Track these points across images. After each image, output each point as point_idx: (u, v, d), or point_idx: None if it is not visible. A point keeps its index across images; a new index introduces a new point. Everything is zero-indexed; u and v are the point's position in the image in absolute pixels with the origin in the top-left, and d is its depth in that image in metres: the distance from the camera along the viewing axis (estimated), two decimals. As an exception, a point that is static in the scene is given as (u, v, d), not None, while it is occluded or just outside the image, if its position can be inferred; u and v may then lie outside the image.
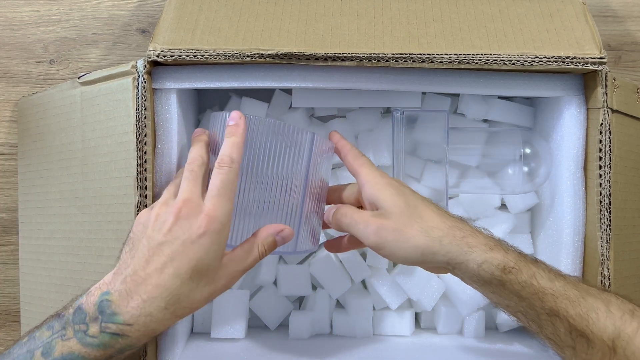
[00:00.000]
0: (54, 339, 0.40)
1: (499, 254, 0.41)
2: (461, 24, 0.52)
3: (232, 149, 0.43)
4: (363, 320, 0.60)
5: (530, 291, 0.41)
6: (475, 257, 0.41)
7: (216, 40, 0.50)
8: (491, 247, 0.42)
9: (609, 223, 0.51)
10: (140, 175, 0.50)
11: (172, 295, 0.40)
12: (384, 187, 0.45)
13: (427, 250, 0.42)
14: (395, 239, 0.42)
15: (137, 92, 0.50)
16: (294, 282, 0.59)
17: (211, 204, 0.41)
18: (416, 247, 0.42)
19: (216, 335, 0.58)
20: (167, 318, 0.40)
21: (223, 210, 0.41)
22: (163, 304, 0.39)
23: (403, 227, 0.43)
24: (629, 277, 0.53)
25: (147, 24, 0.67)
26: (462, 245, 0.42)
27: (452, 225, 0.43)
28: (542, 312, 0.41)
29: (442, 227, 0.43)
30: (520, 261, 0.42)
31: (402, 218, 0.43)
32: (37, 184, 0.59)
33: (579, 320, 0.39)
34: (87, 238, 0.53)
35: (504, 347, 0.58)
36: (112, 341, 0.39)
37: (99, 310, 0.40)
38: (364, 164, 0.48)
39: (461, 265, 0.42)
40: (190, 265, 0.40)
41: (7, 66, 0.66)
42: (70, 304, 0.42)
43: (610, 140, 0.51)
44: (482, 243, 0.42)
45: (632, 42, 0.67)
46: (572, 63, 0.50)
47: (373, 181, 0.46)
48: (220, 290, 0.42)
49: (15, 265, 0.66)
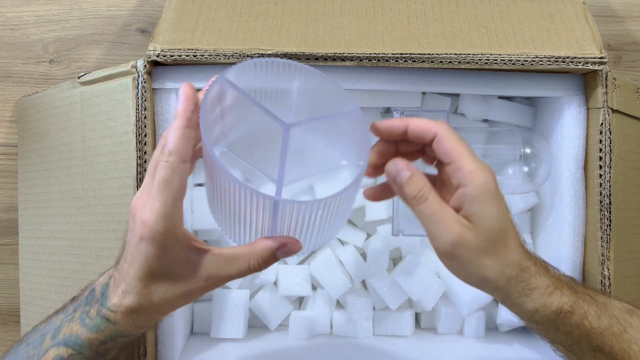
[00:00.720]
0: (63, 321, 0.41)
1: (557, 298, 0.40)
2: (461, 24, 0.52)
3: (171, 137, 0.36)
4: (363, 320, 0.60)
5: (580, 332, 0.40)
6: (534, 300, 0.39)
7: (216, 40, 0.50)
8: (551, 292, 0.40)
9: (609, 223, 0.51)
10: (140, 175, 0.50)
11: (141, 294, 0.38)
12: (490, 202, 0.38)
13: (491, 285, 0.39)
14: (469, 260, 0.38)
15: (137, 92, 0.50)
16: (294, 282, 0.59)
17: (147, 208, 0.36)
18: (483, 278, 0.39)
19: (216, 335, 0.58)
20: (145, 313, 0.39)
21: (155, 214, 0.36)
22: (136, 301, 0.38)
23: (483, 252, 0.38)
24: (629, 277, 0.53)
25: (147, 24, 0.67)
26: (525, 288, 0.39)
27: (525, 266, 0.40)
28: (588, 348, 0.40)
29: (516, 267, 0.39)
30: (574, 302, 0.40)
31: (488, 243, 0.38)
32: (37, 184, 0.59)
33: (621, 355, 0.39)
34: (87, 238, 0.53)
35: (504, 347, 0.58)
36: (103, 325, 0.39)
37: (101, 292, 0.40)
38: (465, 154, 0.39)
39: (516, 306, 0.40)
40: (144, 270, 0.38)
41: (7, 66, 0.66)
42: (88, 286, 0.42)
43: (610, 140, 0.51)
44: (544, 286, 0.40)
45: (632, 42, 0.67)
46: (573, 63, 0.50)
47: (480, 189, 0.38)
48: (198, 291, 0.39)
49: (15, 265, 0.66)
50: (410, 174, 0.38)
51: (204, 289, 0.39)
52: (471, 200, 0.38)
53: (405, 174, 0.39)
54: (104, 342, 0.40)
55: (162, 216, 0.36)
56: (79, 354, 0.40)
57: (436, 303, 0.60)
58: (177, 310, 0.53)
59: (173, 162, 0.36)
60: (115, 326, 0.39)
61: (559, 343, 0.42)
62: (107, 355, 0.41)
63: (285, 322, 0.62)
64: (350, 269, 0.59)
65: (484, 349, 0.58)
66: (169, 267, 0.38)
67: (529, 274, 0.39)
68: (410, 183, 0.38)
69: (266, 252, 0.38)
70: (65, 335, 0.40)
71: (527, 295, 0.39)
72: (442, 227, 0.38)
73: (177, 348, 0.54)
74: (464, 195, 0.38)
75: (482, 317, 0.60)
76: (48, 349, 0.40)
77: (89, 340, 0.39)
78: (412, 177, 0.38)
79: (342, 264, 0.60)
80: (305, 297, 0.62)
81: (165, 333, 0.53)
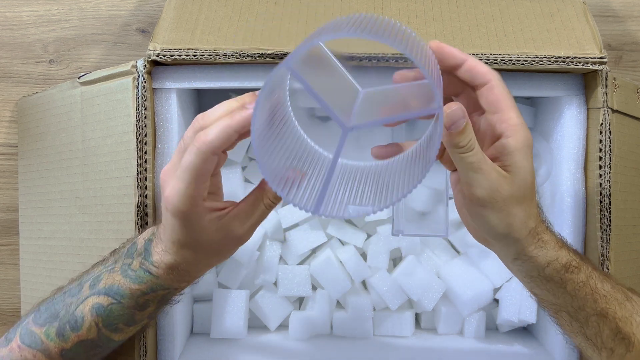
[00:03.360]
0: (102, 272, 0.43)
1: (565, 253, 0.41)
2: (461, 24, 0.52)
3: (214, 130, 0.36)
4: (363, 320, 0.60)
5: (586, 291, 0.41)
6: (547, 253, 0.40)
7: (216, 40, 0.50)
8: (560, 246, 0.41)
9: (609, 223, 0.51)
10: (140, 175, 0.50)
11: (177, 254, 0.41)
12: (527, 154, 0.39)
13: (515, 235, 0.40)
14: (501, 207, 0.39)
15: (137, 92, 0.50)
16: (294, 282, 0.59)
17: (171, 186, 0.38)
18: (509, 225, 0.39)
19: (216, 335, 0.58)
20: (183, 270, 0.42)
21: (178, 194, 0.38)
22: (173, 260, 0.41)
23: (515, 201, 0.39)
24: (629, 277, 0.53)
25: (147, 24, 0.67)
26: (540, 240, 0.41)
27: (541, 220, 0.42)
28: (592, 312, 0.41)
29: (536, 220, 0.41)
30: (580, 261, 0.41)
31: (521, 192, 0.39)
32: (37, 184, 0.59)
33: (624, 323, 0.40)
34: (88, 238, 0.53)
35: (504, 347, 0.58)
36: (145, 277, 0.42)
37: (144, 247, 0.42)
38: (512, 107, 0.40)
39: (531, 259, 0.41)
40: (174, 237, 0.40)
41: (7, 66, 0.66)
42: (129, 239, 0.46)
43: (610, 140, 0.51)
44: (554, 240, 0.41)
45: (632, 42, 0.67)
46: (573, 63, 0.50)
47: (522, 142, 0.39)
48: (229, 249, 0.42)
49: (15, 265, 0.66)
50: (467, 122, 0.38)
51: (234, 245, 0.42)
52: (512, 151, 0.39)
53: (463, 122, 0.38)
54: (145, 294, 0.42)
55: (184, 196, 0.38)
56: (119, 303, 0.42)
57: (436, 303, 0.60)
58: (176, 310, 0.53)
59: (204, 152, 0.36)
60: (158, 279, 0.42)
61: (564, 310, 0.42)
62: (146, 308, 0.43)
63: (285, 322, 0.62)
64: (350, 269, 0.59)
65: (484, 349, 0.58)
66: (194, 236, 0.40)
67: (542, 228, 0.41)
68: (465, 131, 0.37)
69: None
70: (107, 285, 0.42)
71: (541, 247, 0.40)
72: (483, 175, 0.38)
73: (177, 348, 0.54)
74: (506, 146, 0.39)
75: (482, 317, 0.60)
76: (87, 297, 0.42)
77: (131, 291, 0.42)
78: (468, 126, 0.38)
79: (342, 264, 0.60)
80: (305, 297, 0.62)
81: (165, 333, 0.53)
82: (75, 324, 0.42)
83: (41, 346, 0.43)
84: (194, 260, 0.41)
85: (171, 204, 0.38)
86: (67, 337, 0.42)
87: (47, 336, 0.43)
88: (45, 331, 0.43)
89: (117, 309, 0.42)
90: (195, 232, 0.40)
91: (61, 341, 0.42)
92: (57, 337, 0.42)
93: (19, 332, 0.44)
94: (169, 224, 0.40)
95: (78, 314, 0.42)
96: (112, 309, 0.42)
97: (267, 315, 0.61)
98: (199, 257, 0.41)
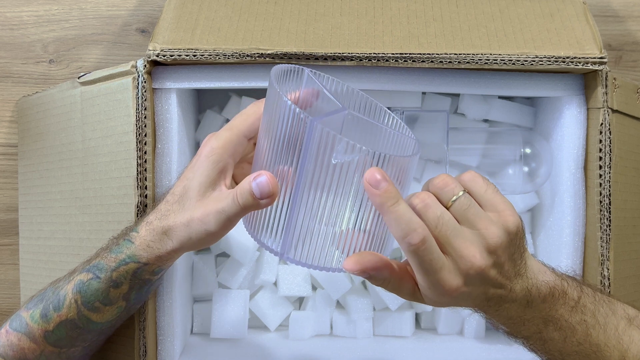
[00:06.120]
0: (101, 253, 0.46)
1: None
2: (461, 24, 0.52)
3: (244, 116, 0.43)
4: (363, 320, 0.60)
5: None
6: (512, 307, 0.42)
7: (216, 40, 0.50)
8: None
9: (609, 223, 0.51)
10: (140, 175, 0.50)
11: (165, 215, 0.43)
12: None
13: (471, 307, 0.43)
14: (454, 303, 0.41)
15: (137, 92, 0.50)
16: (294, 282, 0.59)
17: (215, 135, 0.43)
18: (464, 304, 0.42)
19: (216, 335, 0.58)
20: (159, 234, 0.42)
21: (220, 137, 0.42)
22: (157, 221, 0.43)
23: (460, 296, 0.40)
24: (629, 277, 0.53)
25: (147, 24, 0.67)
26: (499, 302, 0.42)
27: (505, 276, 0.41)
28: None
29: (494, 284, 0.41)
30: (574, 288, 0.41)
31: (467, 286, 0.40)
32: (37, 184, 0.59)
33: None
34: (88, 238, 0.53)
35: (504, 347, 0.58)
36: (123, 246, 0.44)
37: (135, 222, 0.46)
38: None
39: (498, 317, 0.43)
40: (181, 185, 0.42)
41: (7, 66, 0.66)
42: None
43: (610, 141, 0.51)
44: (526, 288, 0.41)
45: (632, 42, 0.67)
46: (573, 63, 0.50)
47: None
48: (197, 220, 0.41)
49: (15, 265, 0.66)
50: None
51: (199, 220, 0.41)
52: None
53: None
54: (118, 267, 0.43)
55: (222, 140, 0.42)
56: (97, 278, 0.44)
57: (436, 303, 0.60)
58: (176, 310, 0.53)
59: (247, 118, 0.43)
60: (134, 248, 0.43)
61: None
62: (120, 286, 0.44)
63: (285, 322, 0.62)
64: (350, 269, 0.59)
65: (484, 350, 0.58)
66: (191, 187, 0.42)
67: (505, 284, 0.41)
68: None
69: (246, 183, 0.39)
70: (94, 262, 0.44)
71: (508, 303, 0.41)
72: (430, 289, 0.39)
73: (177, 348, 0.54)
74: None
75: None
76: (75, 276, 0.44)
77: (107, 264, 0.43)
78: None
79: (342, 264, 0.60)
80: (305, 297, 0.62)
81: (165, 333, 0.53)
82: (58, 304, 0.44)
83: (26, 329, 0.44)
84: (173, 213, 0.42)
85: (208, 144, 0.42)
86: (49, 317, 0.44)
87: (32, 318, 0.44)
88: (31, 314, 0.44)
89: (95, 284, 0.43)
90: (200, 180, 0.41)
91: (44, 322, 0.44)
92: (41, 319, 0.44)
93: (10, 318, 0.45)
94: (197, 164, 0.42)
95: (62, 293, 0.44)
96: (90, 285, 0.43)
97: (267, 315, 0.61)
98: (180, 212, 0.42)
